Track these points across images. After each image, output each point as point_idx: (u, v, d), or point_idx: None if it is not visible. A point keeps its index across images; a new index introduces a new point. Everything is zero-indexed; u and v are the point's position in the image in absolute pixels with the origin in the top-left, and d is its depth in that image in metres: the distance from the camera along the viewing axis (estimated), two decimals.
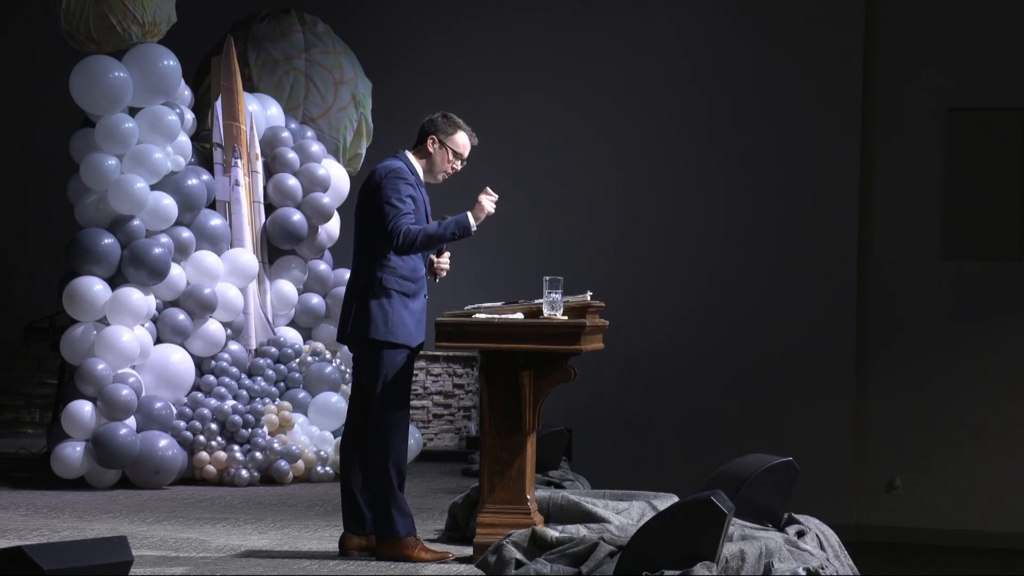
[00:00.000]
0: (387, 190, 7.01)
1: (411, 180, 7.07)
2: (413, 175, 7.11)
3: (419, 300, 7.10)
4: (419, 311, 7.10)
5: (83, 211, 10.26)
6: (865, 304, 14.15)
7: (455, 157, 7.21)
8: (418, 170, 7.17)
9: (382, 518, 7.02)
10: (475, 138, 7.25)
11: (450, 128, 7.18)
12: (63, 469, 9.79)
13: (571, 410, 12.16)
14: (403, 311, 7.00)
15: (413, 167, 7.15)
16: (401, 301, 7.00)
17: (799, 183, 14.14)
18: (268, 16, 12.09)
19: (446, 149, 7.17)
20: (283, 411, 10.39)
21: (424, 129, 7.20)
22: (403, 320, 6.99)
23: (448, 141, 7.17)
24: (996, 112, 14.11)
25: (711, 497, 6.06)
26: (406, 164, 7.13)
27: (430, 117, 7.24)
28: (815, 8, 14.15)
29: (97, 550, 5.28)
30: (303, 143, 11.41)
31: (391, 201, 6.98)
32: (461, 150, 7.21)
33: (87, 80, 10.16)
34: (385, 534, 7.04)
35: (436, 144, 7.16)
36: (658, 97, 14.26)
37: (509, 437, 6.92)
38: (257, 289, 10.94)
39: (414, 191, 7.06)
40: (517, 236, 14.01)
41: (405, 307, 7.01)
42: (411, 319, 7.02)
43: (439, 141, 7.17)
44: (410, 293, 7.05)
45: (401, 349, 7.01)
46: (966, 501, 13.82)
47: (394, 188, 7.01)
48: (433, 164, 7.18)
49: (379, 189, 7.03)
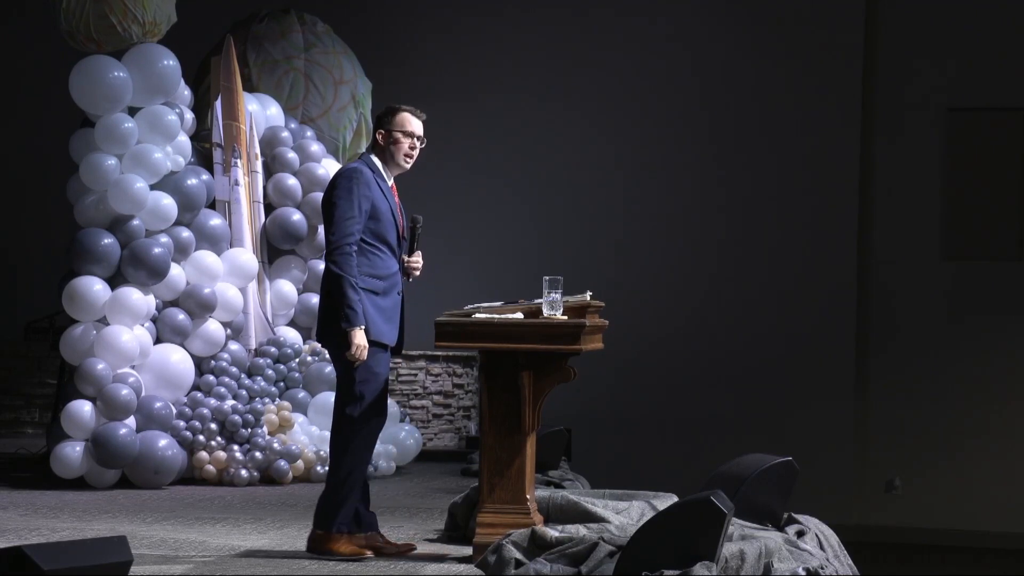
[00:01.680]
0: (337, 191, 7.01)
1: (366, 179, 7.02)
2: (372, 173, 7.07)
3: (390, 298, 7.07)
4: (390, 308, 7.06)
5: (83, 211, 10.26)
6: (865, 304, 14.15)
7: (406, 137, 7.15)
8: (381, 168, 7.15)
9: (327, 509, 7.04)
10: (421, 113, 7.21)
11: (390, 115, 7.16)
12: (63, 469, 9.79)
13: (571, 410, 12.15)
14: (371, 308, 6.98)
15: (375, 166, 7.12)
16: (369, 298, 6.98)
17: (799, 183, 14.14)
18: (268, 16, 12.10)
19: (392, 135, 7.13)
20: (283, 411, 10.38)
21: (372, 128, 7.25)
22: (371, 317, 6.97)
23: (393, 127, 7.14)
24: (996, 112, 14.11)
25: (711, 497, 6.06)
26: (367, 165, 7.10)
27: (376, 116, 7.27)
28: (815, 8, 14.15)
29: (97, 550, 5.28)
30: (303, 143, 11.42)
31: (340, 204, 6.97)
32: (410, 128, 7.16)
33: (87, 80, 10.16)
34: (319, 522, 7.07)
35: (384, 135, 7.15)
36: (658, 97, 14.26)
37: (509, 437, 6.92)
38: (257, 289, 10.94)
39: (370, 191, 7.01)
40: (517, 236, 14.01)
41: (373, 304, 6.99)
42: (380, 316, 7.00)
43: (386, 131, 7.15)
44: (378, 291, 7.02)
45: (373, 347, 6.99)
46: (966, 501, 13.82)
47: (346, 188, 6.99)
48: (392, 155, 7.15)
49: (332, 189, 7.06)
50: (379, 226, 7.04)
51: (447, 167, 13.90)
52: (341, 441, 7.04)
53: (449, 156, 13.97)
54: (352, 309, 6.88)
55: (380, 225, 7.04)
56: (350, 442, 7.02)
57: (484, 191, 14.09)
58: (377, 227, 7.03)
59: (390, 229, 7.08)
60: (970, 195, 14.15)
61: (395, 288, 7.10)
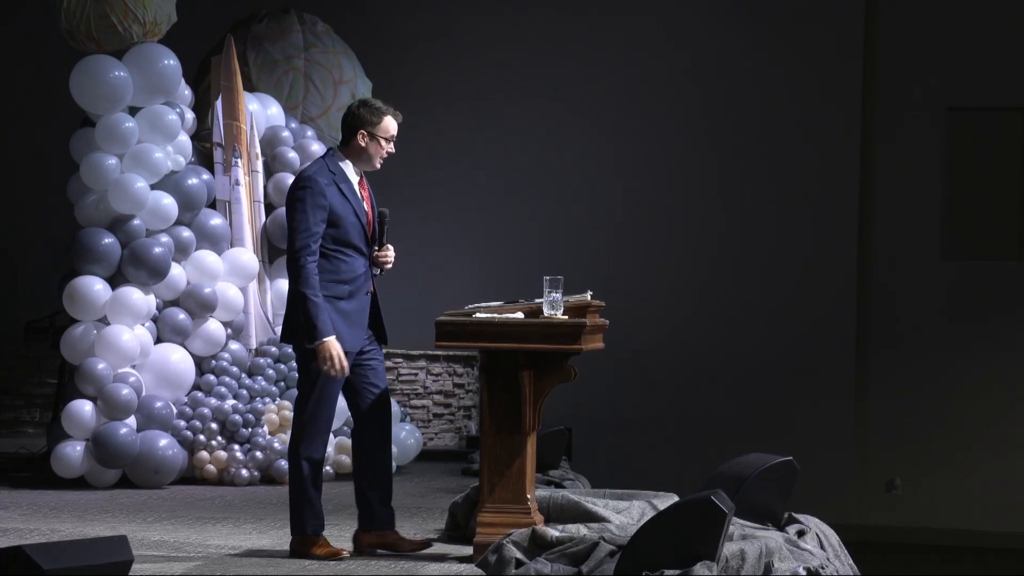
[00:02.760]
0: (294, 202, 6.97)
1: (319, 188, 6.95)
2: (331, 176, 7.02)
3: (356, 300, 7.03)
4: (354, 312, 7.02)
5: (83, 211, 10.26)
6: (865, 304, 14.15)
7: (388, 142, 7.13)
8: (346, 168, 7.10)
9: (293, 512, 7.09)
10: (399, 115, 7.17)
11: (375, 117, 7.08)
12: (63, 469, 9.79)
13: (571, 410, 12.16)
14: (332, 315, 6.94)
15: (337, 167, 7.07)
16: (331, 304, 6.94)
17: (799, 183, 14.13)
18: (268, 16, 12.10)
19: (376, 139, 7.09)
20: (283, 411, 10.38)
21: (349, 124, 7.10)
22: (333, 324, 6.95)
23: (377, 131, 7.08)
24: (996, 112, 14.11)
25: (711, 497, 6.07)
26: (327, 165, 7.05)
27: (350, 110, 7.14)
28: (815, 8, 14.14)
29: (97, 550, 5.28)
30: (303, 143, 11.41)
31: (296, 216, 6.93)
32: (392, 133, 7.14)
33: (87, 79, 10.16)
34: (294, 528, 7.11)
35: (366, 137, 7.09)
36: (658, 97, 14.26)
37: (509, 437, 6.92)
38: (257, 288, 10.94)
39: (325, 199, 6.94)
40: (517, 236, 14.01)
41: (336, 310, 6.95)
42: (341, 322, 6.96)
43: (368, 134, 7.08)
44: (343, 295, 6.99)
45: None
46: (966, 501, 13.82)
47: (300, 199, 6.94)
48: (368, 156, 7.10)
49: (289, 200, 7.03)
50: (339, 231, 6.99)
51: (447, 167, 13.91)
52: (291, 447, 7.10)
53: (449, 156, 13.97)
54: (314, 325, 6.85)
55: (340, 230, 6.99)
56: (297, 447, 7.06)
57: (484, 191, 14.09)
58: (337, 232, 6.98)
59: (353, 231, 7.03)
60: (970, 195, 14.15)
61: (363, 289, 7.06)
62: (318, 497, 7.09)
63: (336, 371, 6.88)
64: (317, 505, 7.09)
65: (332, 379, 6.98)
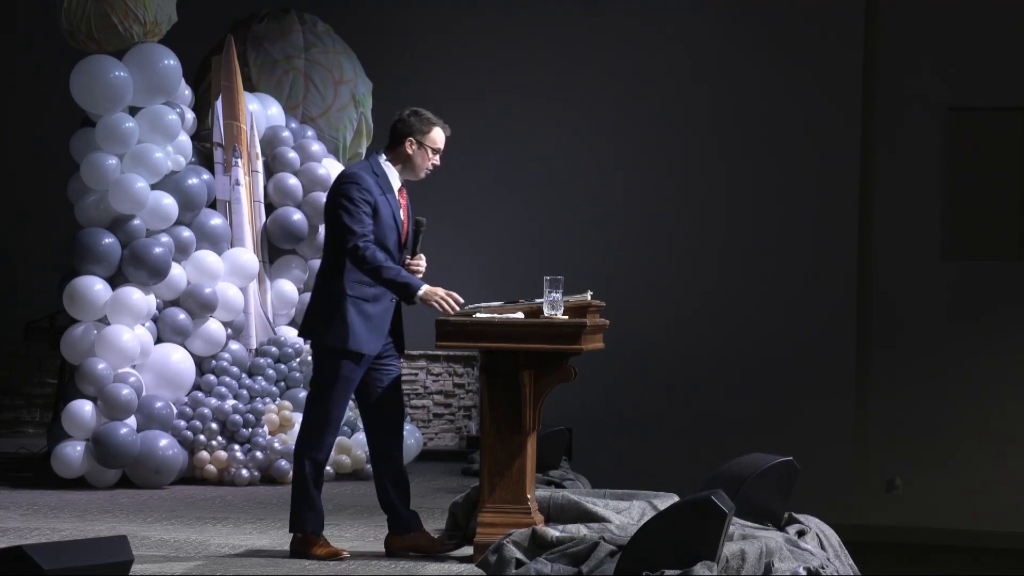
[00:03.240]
0: (340, 197, 6.98)
1: (366, 185, 6.98)
2: (375, 178, 7.04)
3: (381, 304, 7.04)
4: (377, 316, 7.03)
5: (83, 211, 10.26)
6: (865, 304, 14.15)
7: (434, 154, 7.15)
8: (388, 173, 7.11)
9: (293, 510, 7.11)
10: (448, 128, 7.19)
11: (425, 127, 7.09)
12: (63, 469, 9.79)
13: (571, 410, 12.15)
14: (356, 317, 6.96)
15: (381, 170, 7.09)
16: (356, 306, 6.96)
17: (799, 183, 14.13)
18: (268, 16, 12.09)
19: (425, 149, 7.11)
20: (283, 411, 10.39)
21: (399, 131, 7.10)
22: (353, 326, 6.95)
23: (426, 141, 7.10)
24: (996, 112, 14.11)
25: (711, 497, 6.07)
26: (372, 167, 7.07)
27: (401, 117, 7.13)
28: (815, 8, 14.14)
29: (97, 550, 5.28)
30: (303, 142, 11.41)
31: (345, 205, 6.94)
32: (439, 146, 7.16)
33: (87, 79, 10.16)
34: (293, 526, 7.12)
35: (414, 146, 7.10)
36: (658, 97, 14.26)
37: (509, 437, 6.92)
38: (257, 289, 10.94)
39: (371, 195, 6.98)
40: (517, 236, 14.01)
41: (360, 312, 6.96)
42: (364, 325, 6.97)
43: (417, 142, 7.10)
44: (368, 298, 7.00)
45: (345, 355, 6.99)
46: (966, 501, 13.81)
47: (346, 194, 6.96)
48: (413, 165, 7.12)
49: (334, 195, 7.02)
50: (378, 231, 7.02)
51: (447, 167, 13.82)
52: (297, 443, 7.12)
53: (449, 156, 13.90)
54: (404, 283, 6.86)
55: (379, 230, 7.02)
56: (303, 444, 7.07)
57: (484, 191, 14.09)
58: (376, 232, 7.01)
59: (389, 234, 7.05)
60: (970, 195, 14.15)
61: (388, 295, 7.05)
62: (319, 496, 7.10)
63: (452, 306, 6.82)
64: (318, 504, 7.10)
65: (347, 381, 7.00)
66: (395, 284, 6.90)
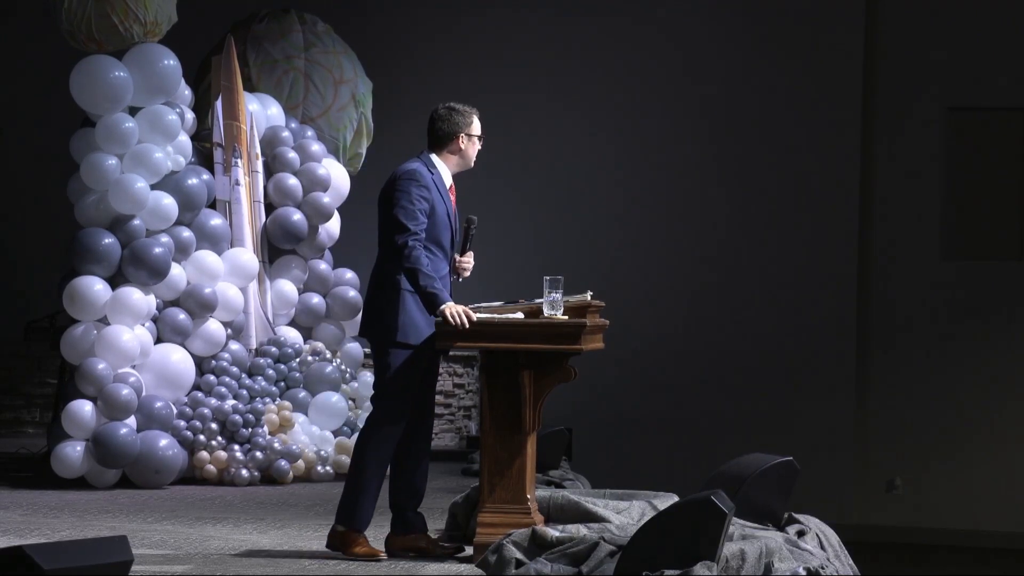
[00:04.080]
0: (398, 191, 7.03)
1: (426, 182, 7.06)
2: (431, 175, 7.11)
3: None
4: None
5: (83, 211, 10.26)
6: (865, 304, 14.15)
7: (480, 140, 7.28)
8: (441, 170, 7.18)
9: (347, 503, 7.07)
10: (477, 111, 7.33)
11: (467, 118, 7.21)
12: (63, 469, 9.79)
13: (571, 410, 12.16)
14: (415, 311, 7.00)
15: (435, 168, 7.16)
16: (414, 300, 7.01)
17: (799, 183, 14.13)
18: (268, 16, 12.10)
19: (473, 139, 7.24)
20: (283, 411, 10.39)
21: (446, 130, 7.19)
22: (414, 320, 7.00)
23: (473, 131, 7.23)
24: (996, 112, 14.11)
25: (711, 497, 6.07)
26: (426, 165, 7.14)
27: (440, 115, 7.21)
28: (815, 8, 14.14)
29: (97, 550, 5.28)
30: (303, 143, 11.42)
31: (402, 203, 7.00)
32: (481, 132, 7.29)
33: (87, 80, 10.16)
34: (341, 519, 7.09)
35: (466, 139, 7.22)
36: (658, 97, 14.26)
37: (509, 437, 6.92)
38: (257, 289, 10.95)
39: (429, 192, 7.05)
40: (517, 236, 14.00)
41: (419, 307, 7.01)
42: (424, 320, 7.01)
43: (467, 135, 7.22)
44: None
45: (407, 349, 7.01)
46: (966, 501, 13.82)
47: (405, 190, 7.02)
48: (467, 156, 7.26)
49: (392, 192, 7.07)
50: (434, 228, 7.08)
51: None
52: (361, 437, 7.08)
53: None
54: (432, 293, 6.89)
55: (435, 227, 7.08)
56: (369, 439, 7.05)
57: (484, 191, 14.07)
58: (432, 229, 7.07)
59: (444, 231, 7.12)
60: (970, 195, 14.15)
61: (444, 289, 7.10)
62: (376, 496, 7.08)
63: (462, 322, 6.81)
64: (372, 503, 7.07)
65: (412, 376, 7.00)
66: (425, 293, 6.94)
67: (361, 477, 7.05)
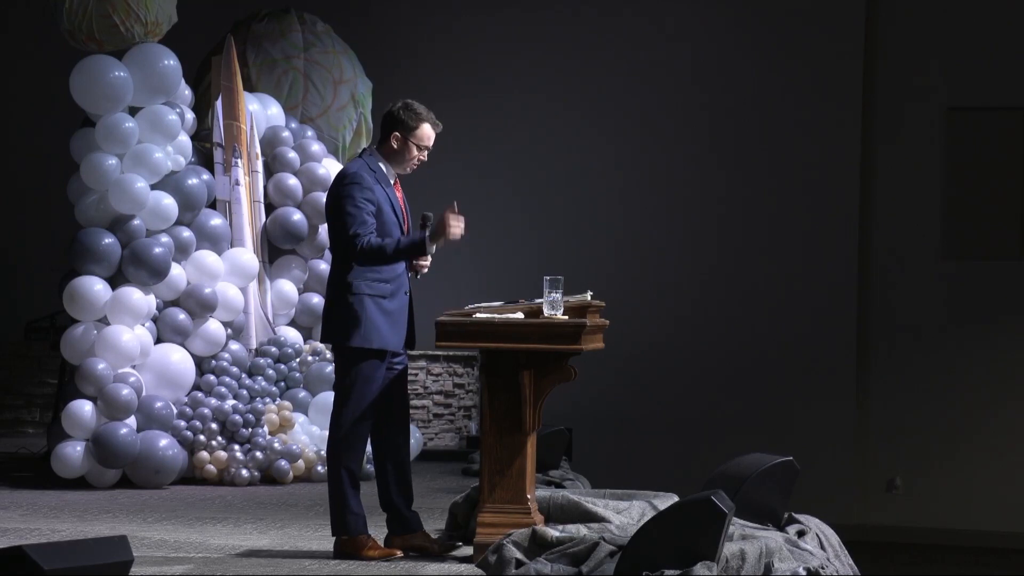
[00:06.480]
0: (342, 197, 6.98)
1: (367, 183, 6.99)
2: (372, 174, 7.04)
3: (397, 299, 7.06)
4: (396, 312, 7.05)
5: (83, 211, 10.26)
6: (865, 304, 14.15)
7: (420, 150, 7.13)
8: (383, 167, 7.11)
9: (335, 515, 7.08)
10: (438, 125, 7.15)
11: (412, 122, 7.07)
12: (63, 469, 9.79)
13: (571, 410, 12.16)
14: (375, 314, 6.97)
15: (377, 165, 7.08)
16: (374, 304, 6.97)
17: (799, 183, 14.13)
18: (267, 16, 12.10)
19: (409, 144, 7.09)
20: (283, 411, 10.39)
21: (386, 124, 7.10)
22: (374, 324, 6.97)
23: (412, 137, 7.08)
24: (996, 112, 14.11)
25: (711, 497, 6.07)
26: (367, 164, 7.07)
27: (391, 109, 7.12)
28: (815, 8, 14.14)
29: (97, 550, 5.28)
30: (303, 143, 11.42)
31: (347, 209, 6.94)
32: (426, 143, 7.13)
33: (87, 79, 10.16)
34: (336, 529, 7.10)
35: (399, 140, 7.09)
36: (658, 97, 14.26)
37: (509, 437, 6.93)
38: (257, 289, 10.95)
39: (372, 193, 6.99)
40: (517, 236, 14.00)
41: (379, 309, 6.97)
42: (384, 321, 6.98)
43: (402, 137, 7.09)
44: (384, 294, 7.01)
45: (368, 354, 6.99)
46: (966, 501, 13.81)
47: (348, 195, 6.96)
48: (400, 158, 7.11)
49: (336, 196, 7.02)
50: (383, 226, 7.03)
51: (447, 167, 13.87)
52: (329, 445, 7.10)
53: (449, 156, 13.93)
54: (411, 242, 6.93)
55: (384, 225, 7.04)
56: (336, 445, 7.06)
57: (484, 191, 14.08)
58: (381, 227, 7.02)
59: (392, 229, 7.07)
60: (970, 195, 14.14)
61: (402, 288, 7.08)
62: (358, 498, 7.08)
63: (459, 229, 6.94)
64: (357, 507, 7.08)
65: (373, 381, 6.98)
66: (403, 251, 6.95)
67: (340, 486, 7.06)
